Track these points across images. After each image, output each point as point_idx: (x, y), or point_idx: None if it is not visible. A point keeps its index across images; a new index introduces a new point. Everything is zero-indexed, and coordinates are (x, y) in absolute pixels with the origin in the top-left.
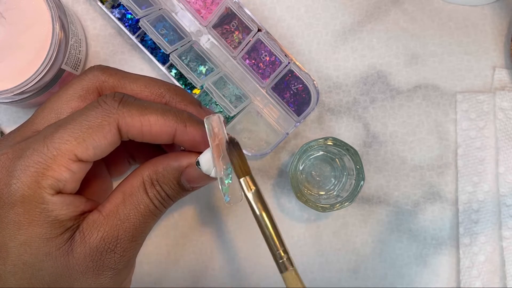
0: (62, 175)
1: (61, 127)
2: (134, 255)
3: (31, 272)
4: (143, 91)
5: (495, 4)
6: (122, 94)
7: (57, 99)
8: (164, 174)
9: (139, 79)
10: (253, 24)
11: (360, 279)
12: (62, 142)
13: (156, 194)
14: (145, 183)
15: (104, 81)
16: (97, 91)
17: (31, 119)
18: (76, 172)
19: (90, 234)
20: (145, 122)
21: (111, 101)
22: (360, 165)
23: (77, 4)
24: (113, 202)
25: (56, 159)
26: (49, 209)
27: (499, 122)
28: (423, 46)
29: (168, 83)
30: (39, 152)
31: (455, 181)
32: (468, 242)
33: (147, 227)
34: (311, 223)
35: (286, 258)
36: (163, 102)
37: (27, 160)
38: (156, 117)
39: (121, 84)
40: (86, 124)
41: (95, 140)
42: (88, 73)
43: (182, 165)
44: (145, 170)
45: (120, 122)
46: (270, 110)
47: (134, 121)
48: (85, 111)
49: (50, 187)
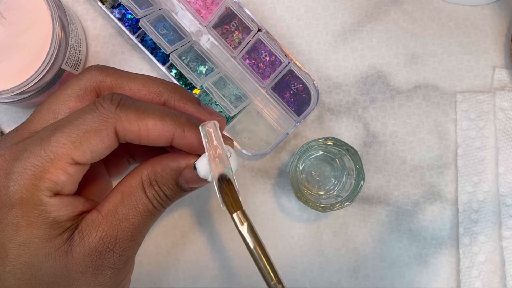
0: (60, 178)
1: (58, 130)
2: (133, 254)
3: (30, 273)
4: (141, 90)
5: (495, 4)
6: (119, 97)
7: (55, 99)
8: (162, 175)
9: (137, 78)
10: (253, 24)
11: (360, 279)
12: (59, 146)
13: (155, 194)
14: (144, 183)
15: (102, 80)
16: (95, 91)
17: (29, 119)
18: (74, 174)
19: (89, 234)
20: (143, 126)
21: (108, 105)
22: (360, 165)
23: (77, 4)
24: (112, 202)
25: (53, 162)
26: (48, 210)
27: (499, 122)
28: (423, 46)
29: (166, 82)
30: (36, 155)
31: (455, 181)
32: (468, 242)
33: (146, 227)
34: (311, 223)
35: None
36: (161, 100)
37: (24, 162)
38: (154, 121)
39: (119, 83)
40: (83, 128)
41: (92, 144)
42: (85, 73)
43: (180, 166)
44: (143, 170)
45: (118, 126)
46: (270, 110)
47: (131, 126)
48: (83, 114)
49: (47, 189)
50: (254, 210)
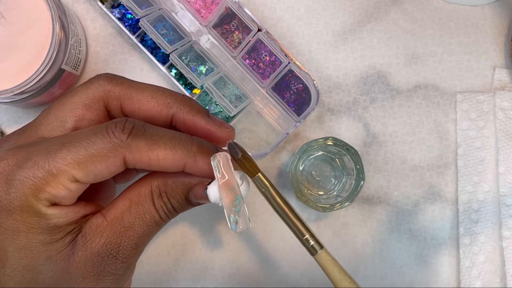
0: (60, 193)
1: (65, 147)
2: (135, 260)
3: (30, 276)
4: (150, 101)
5: (495, 4)
6: (131, 125)
7: (62, 106)
8: (173, 187)
9: (146, 89)
10: (253, 24)
11: (360, 279)
12: (63, 163)
13: (163, 205)
14: (153, 193)
15: (110, 90)
16: (102, 100)
17: (35, 123)
18: (74, 191)
19: (92, 239)
20: (154, 156)
21: (119, 134)
22: (360, 165)
23: (77, 4)
24: (118, 208)
25: (56, 177)
26: (47, 218)
27: (499, 122)
28: (423, 46)
29: (175, 93)
30: (39, 167)
31: (455, 181)
32: (468, 242)
33: (150, 236)
34: (311, 223)
35: (314, 241)
36: (170, 112)
37: (27, 172)
38: (165, 151)
39: (127, 94)
40: (91, 151)
41: (97, 168)
42: (94, 82)
43: (192, 182)
44: (154, 180)
45: (127, 156)
46: (270, 110)
47: (142, 156)
48: (93, 136)
49: (46, 200)
50: (254, 210)
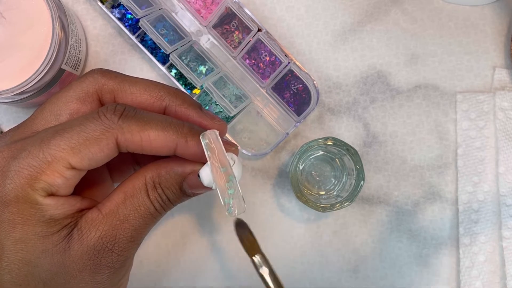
0: (56, 180)
1: (59, 134)
2: (132, 254)
3: (27, 269)
4: (143, 94)
5: (495, 4)
6: (123, 107)
7: (56, 101)
8: (167, 178)
9: (139, 82)
10: (253, 24)
11: (360, 279)
12: (57, 150)
13: (157, 197)
14: (147, 185)
15: (104, 84)
16: (96, 93)
17: (30, 118)
18: (70, 178)
19: (88, 232)
20: (145, 137)
21: (111, 115)
22: (360, 165)
23: (77, 4)
24: (113, 202)
25: (51, 164)
26: (43, 209)
27: (499, 122)
28: (423, 46)
29: (168, 86)
30: (34, 156)
31: (455, 181)
32: (468, 242)
33: (146, 229)
34: (311, 223)
35: None
36: (163, 105)
37: (21, 162)
38: (156, 132)
39: (121, 87)
40: (84, 135)
41: (91, 151)
42: (88, 76)
43: (185, 171)
44: (148, 172)
45: (119, 137)
46: (270, 110)
47: (133, 137)
48: (85, 121)
49: (42, 190)
50: (254, 210)
